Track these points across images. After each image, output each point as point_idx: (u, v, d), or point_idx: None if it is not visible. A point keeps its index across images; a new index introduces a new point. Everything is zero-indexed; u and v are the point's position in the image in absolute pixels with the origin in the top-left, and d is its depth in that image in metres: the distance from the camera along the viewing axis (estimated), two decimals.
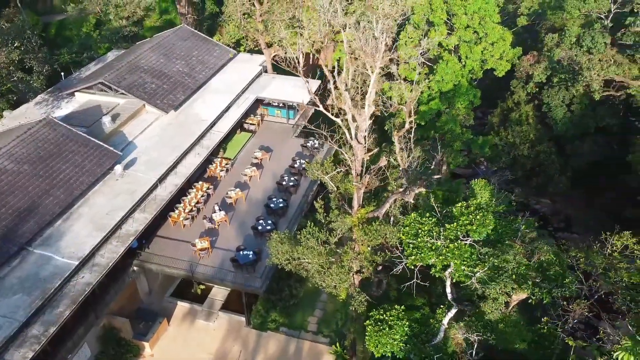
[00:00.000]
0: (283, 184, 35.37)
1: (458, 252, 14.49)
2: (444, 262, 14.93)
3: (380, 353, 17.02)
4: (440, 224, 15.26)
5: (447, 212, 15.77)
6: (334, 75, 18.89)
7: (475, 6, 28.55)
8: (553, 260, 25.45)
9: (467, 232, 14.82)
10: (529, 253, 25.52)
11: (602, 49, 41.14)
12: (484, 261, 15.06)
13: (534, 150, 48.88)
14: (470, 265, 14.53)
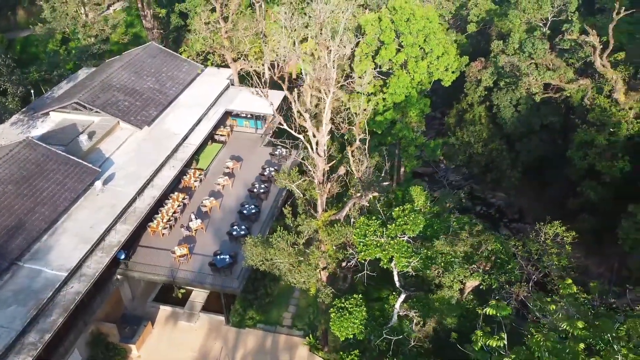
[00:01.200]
0: (254, 191, 38.31)
1: (397, 247, 17.86)
2: (387, 255, 18.30)
3: (343, 336, 20.27)
4: (384, 224, 18.61)
5: (389, 215, 19.14)
6: (295, 101, 21.95)
7: (420, 25, 32.21)
8: (499, 249, 29.35)
9: (404, 230, 18.22)
10: (477, 244, 29.40)
11: (542, 54, 45.64)
12: (418, 253, 18.50)
13: (487, 148, 53.24)
14: (406, 256, 17.95)
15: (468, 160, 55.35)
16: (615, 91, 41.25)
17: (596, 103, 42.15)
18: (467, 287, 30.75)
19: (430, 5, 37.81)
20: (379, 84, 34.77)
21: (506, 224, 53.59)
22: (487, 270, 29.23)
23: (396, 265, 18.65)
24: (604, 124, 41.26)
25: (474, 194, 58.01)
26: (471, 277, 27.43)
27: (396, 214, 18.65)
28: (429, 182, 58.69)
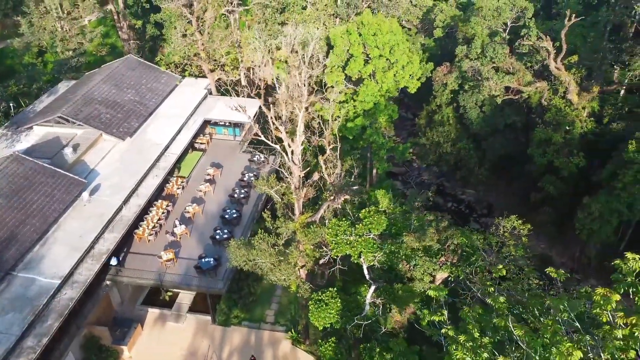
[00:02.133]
0: (235, 196, 40.57)
1: (364, 244, 20.42)
2: (356, 252, 20.87)
3: (321, 325, 22.75)
4: (353, 224, 21.18)
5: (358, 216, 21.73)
6: (272, 117, 24.34)
7: (386, 38, 34.88)
8: (465, 242, 32.24)
9: (370, 229, 20.80)
10: (444, 239, 32.25)
11: (502, 58, 48.93)
12: (382, 248, 21.12)
13: (455, 147, 56.48)
14: (372, 252, 20.53)
15: (438, 159, 58.51)
16: (569, 92, 44.76)
17: (552, 104, 45.62)
18: (437, 279, 33.59)
19: (394, 19, 40.55)
20: (350, 92, 37.41)
21: (476, 218, 56.90)
22: (454, 263, 32.13)
23: (364, 259, 21.27)
24: (560, 123, 44.73)
25: (445, 191, 61.29)
26: (440, 269, 30.32)
27: (363, 215, 21.26)
28: (402, 181, 61.83)
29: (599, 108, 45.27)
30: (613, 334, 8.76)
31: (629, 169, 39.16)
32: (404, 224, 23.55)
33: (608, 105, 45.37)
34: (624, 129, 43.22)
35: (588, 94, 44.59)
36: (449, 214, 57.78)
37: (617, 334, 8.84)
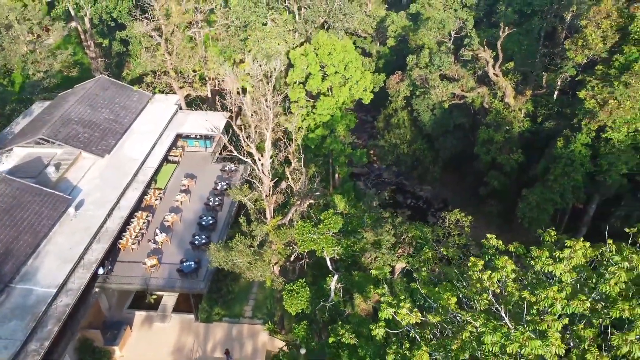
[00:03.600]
0: (210, 204, 44.57)
1: (326, 240, 25.00)
2: (319, 247, 25.42)
3: (294, 311, 27.17)
4: (316, 225, 25.74)
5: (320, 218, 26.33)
6: (243, 137, 28.63)
7: (340, 57, 39.60)
8: (418, 235, 37.32)
9: (329, 228, 25.41)
10: (400, 233, 37.30)
11: (448, 66, 54.54)
12: (340, 243, 25.77)
13: (411, 148, 61.88)
14: (332, 246, 25.12)
15: (397, 159, 63.84)
16: (506, 96, 50.66)
17: (493, 106, 51.48)
18: (396, 268, 38.72)
19: (347, 38, 45.38)
20: (310, 105, 41.98)
21: (433, 213, 62.44)
22: (410, 254, 37.22)
23: (327, 253, 25.85)
24: (500, 124, 50.59)
25: (405, 189, 66.80)
26: (398, 260, 35.38)
27: (323, 217, 25.83)
28: (365, 181, 66.99)
29: (533, 109, 51.36)
30: (480, 286, 13.35)
31: (558, 163, 45.19)
32: (359, 222, 28.29)
33: (541, 106, 51.46)
34: (555, 128, 49.34)
35: (523, 97, 50.61)
36: (408, 209, 63.39)
37: (482, 285, 13.48)
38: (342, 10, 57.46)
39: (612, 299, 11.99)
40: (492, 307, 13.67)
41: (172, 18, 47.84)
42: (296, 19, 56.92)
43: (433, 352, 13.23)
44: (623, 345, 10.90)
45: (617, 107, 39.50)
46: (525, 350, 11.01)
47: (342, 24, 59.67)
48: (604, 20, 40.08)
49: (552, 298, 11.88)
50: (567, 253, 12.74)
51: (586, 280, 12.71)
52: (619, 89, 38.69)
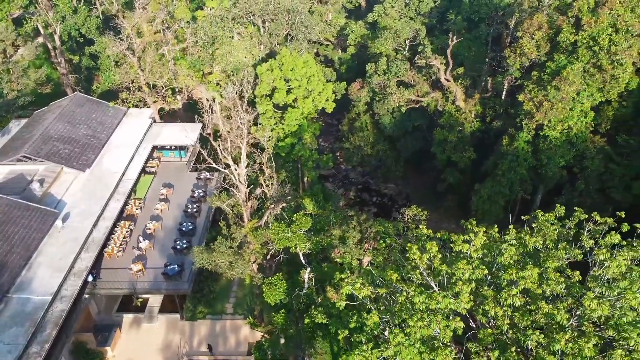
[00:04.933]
0: (188, 211, 48.21)
1: (298, 238, 29.22)
2: (293, 244, 29.65)
3: (273, 301, 31.28)
4: (289, 225, 29.94)
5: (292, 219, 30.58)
6: (221, 151, 32.58)
7: (303, 71, 43.90)
8: (382, 230, 41.97)
9: (300, 227, 29.65)
10: (365, 229, 41.90)
11: (404, 72, 59.56)
12: (310, 240, 30.08)
13: (375, 149, 66.76)
14: (304, 243, 29.40)
15: (361, 160, 68.66)
16: (457, 99, 55.99)
17: (446, 109, 56.75)
18: (364, 262, 43.33)
19: (308, 54, 49.70)
20: (278, 116, 46.18)
21: (397, 208, 67.44)
22: (375, 248, 41.86)
23: (299, 249, 30.12)
24: (453, 125, 55.89)
25: (370, 188, 71.65)
26: (364, 254, 40.00)
27: (295, 217, 30.05)
28: (332, 182, 71.51)
29: (482, 110, 56.89)
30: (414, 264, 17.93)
31: (505, 159, 50.71)
32: (326, 221, 32.70)
33: (489, 107, 57.02)
34: (501, 127, 54.94)
35: (472, 99, 56.06)
36: (374, 207, 68.31)
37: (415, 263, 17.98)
38: (304, 23, 61.76)
39: (506, 267, 16.63)
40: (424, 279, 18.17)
41: (144, 37, 51.13)
42: (261, 32, 60.88)
43: (382, 316, 17.60)
44: (508, 299, 15.49)
45: (550, 108, 45.15)
46: (441, 305, 15.49)
47: (304, 35, 63.99)
48: (537, 32, 45.63)
49: (462, 269, 16.45)
50: (472, 237, 17.43)
51: (490, 255, 17.40)
52: (551, 92, 44.33)
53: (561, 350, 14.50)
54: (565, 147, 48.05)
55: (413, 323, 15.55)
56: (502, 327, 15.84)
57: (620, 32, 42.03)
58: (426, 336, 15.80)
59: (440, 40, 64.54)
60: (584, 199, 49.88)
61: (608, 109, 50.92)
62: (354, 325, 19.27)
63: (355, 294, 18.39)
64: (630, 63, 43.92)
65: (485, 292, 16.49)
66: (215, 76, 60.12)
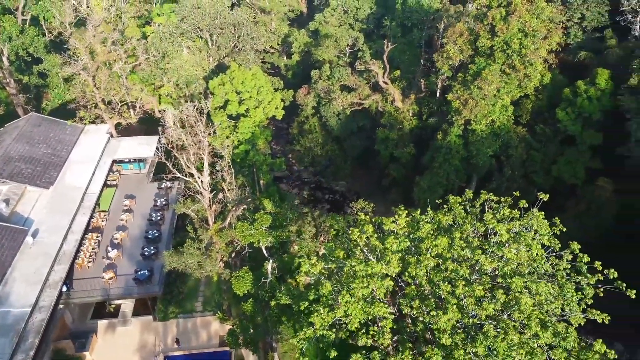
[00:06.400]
0: (153, 219, 51.83)
1: (261, 233, 33.89)
2: (256, 239, 34.29)
3: (241, 292, 35.80)
4: (252, 223, 34.59)
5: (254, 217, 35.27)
6: (184, 161, 36.76)
7: (252, 83, 48.48)
8: (335, 224, 47.16)
9: (262, 224, 34.33)
10: (319, 224, 46.99)
11: (346, 77, 65.16)
12: (271, 234, 34.86)
13: (324, 149, 72.05)
14: (265, 237, 34.09)
15: (312, 160, 73.80)
16: (395, 100, 62.08)
17: (386, 110, 62.73)
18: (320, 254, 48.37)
19: (256, 66, 54.33)
20: (232, 125, 50.58)
21: (348, 204, 73.09)
22: (330, 240, 47.04)
23: (262, 243, 34.87)
24: (393, 124, 61.92)
25: (323, 186, 76.96)
26: (320, 247, 45.06)
27: (257, 216, 34.69)
28: (287, 183, 76.36)
29: (418, 109, 63.23)
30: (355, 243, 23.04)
31: (440, 152, 57.11)
32: (284, 218, 37.57)
33: (424, 106, 63.42)
34: (436, 123, 61.41)
35: (409, 100, 62.29)
36: (327, 203, 73.64)
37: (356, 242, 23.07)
38: (250, 34, 66.21)
39: (423, 239, 22.05)
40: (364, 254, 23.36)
41: (97, 57, 54.21)
42: (209, 45, 64.88)
43: (334, 285, 22.59)
44: (425, 262, 20.90)
45: (475, 105, 51.77)
46: (375, 270, 20.68)
47: (251, 46, 68.45)
48: (459, 38, 52.14)
49: (391, 243, 21.72)
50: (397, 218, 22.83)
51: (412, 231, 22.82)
52: (475, 91, 50.90)
53: (462, 295, 19.95)
54: (491, 139, 54.87)
55: (355, 285, 20.62)
56: (422, 284, 21.18)
57: (528, 37, 48.98)
58: (366, 295, 20.93)
59: (377, 45, 70.48)
60: (511, 184, 56.89)
61: (527, 102, 58.29)
62: (313, 297, 24.16)
63: (312, 271, 23.30)
64: (539, 63, 51.11)
65: (409, 259, 21.78)
66: (166, 89, 63.67)
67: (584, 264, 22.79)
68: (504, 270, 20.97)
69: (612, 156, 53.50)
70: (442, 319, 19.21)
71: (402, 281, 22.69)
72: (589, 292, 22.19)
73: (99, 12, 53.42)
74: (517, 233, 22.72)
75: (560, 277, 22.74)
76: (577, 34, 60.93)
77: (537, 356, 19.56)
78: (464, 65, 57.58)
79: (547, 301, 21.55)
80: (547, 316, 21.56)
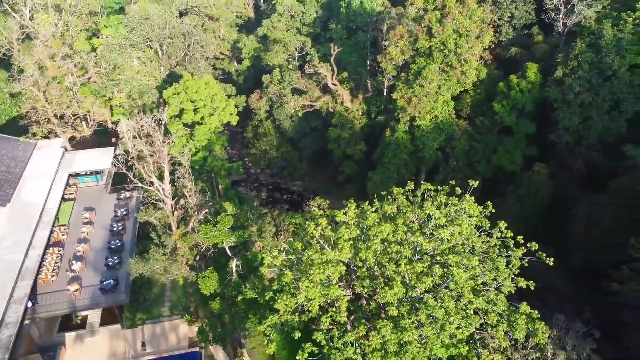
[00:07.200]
0: (114, 229, 53.05)
1: (224, 234, 36.23)
2: (220, 239, 36.63)
3: (208, 292, 37.99)
4: (215, 225, 36.90)
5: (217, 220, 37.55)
6: (146, 171, 38.57)
7: (206, 91, 50.57)
8: (295, 222, 49.82)
9: (224, 225, 36.68)
10: (279, 224, 49.59)
11: (296, 80, 67.98)
12: (234, 234, 37.30)
13: (279, 151, 74.67)
14: (228, 237, 36.51)
15: (268, 163, 76.31)
16: (345, 101, 65.37)
17: (336, 110, 65.94)
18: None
19: (209, 75, 56.41)
20: (188, 133, 52.50)
21: (306, 202, 76.01)
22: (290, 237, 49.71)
23: (226, 243, 37.20)
24: (344, 123, 65.20)
25: (281, 187, 79.49)
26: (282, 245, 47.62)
27: (219, 218, 36.99)
28: (245, 186, 78.50)
29: (367, 108, 66.78)
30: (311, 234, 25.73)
31: (389, 148, 60.77)
32: (245, 218, 40.04)
33: (372, 105, 67.05)
34: (384, 121, 65.11)
35: (357, 99, 65.72)
36: (286, 203, 76.26)
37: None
38: (199, 43, 68.04)
39: (370, 227, 25.13)
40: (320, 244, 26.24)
41: (47, 72, 54.83)
42: (160, 55, 66.29)
43: (294, 274, 25.29)
44: (373, 245, 23.99)
45: (418, 102, 55.63)
46: (330, 256, 23.60)
47: (201, 54, 70.29)
48: (400, 41, 55.89)
49: (342, 232, 24.66)
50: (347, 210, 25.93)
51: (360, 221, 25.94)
52: (417, 89, 54.74)
53: (405, 272, 23.11)
54: (435, 133, 58.93)
55: (313, 272, 23.40)
56: (371, 266, 24.22)
57: (462, 37, 53.21)
58: (323, 279, 23.74)
59: (325, 48, 73.65)
60: (457, 174, 61.17)
61: (466, 97, 62.82)
62: (276, 287, 26.74)
63: (274, 263, 25.97)
64: (474, 60, 55.50)
65: (360, 245, 24.77)
66: (118, 100, 64.70)
67: (511, 239, 26.47)
68: (440, 248, 24.28)
69: (545, 143, 58.68)
70: (389, 293, 22.29)
71: (354, 265, 25.66)
72: (516, 263, 25.85)
73: (47, 27, 54.05)
74: (452, 217, 26.14)
75: (492, 252, 26.32)
76: (508, 32, 65.98)
77: (473, 320, 22.95)
78: (407, 65, 61.48)
79: (482, 273, 25.06)
80: (482, 287, 25.07)
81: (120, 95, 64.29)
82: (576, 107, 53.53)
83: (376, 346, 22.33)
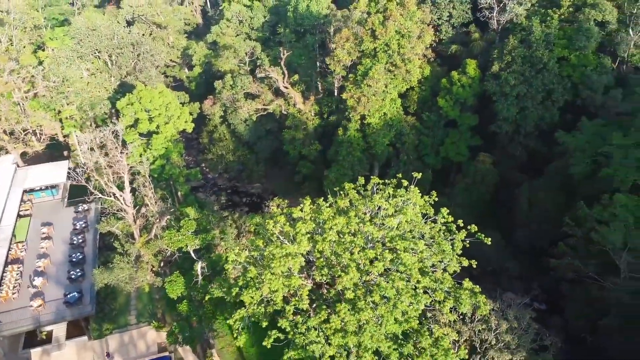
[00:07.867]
0: (74, 242, 53.41)
1: (187, 238, 37.85)
2: (184, 244, 38.24)
3: (175, 295, 39.45)
4: (179, 230, 38.42)
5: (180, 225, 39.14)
6: (105, 182, 39.66)
7: (160, 100, 51.72)
8: (257, 222, 51.70)
9: (188, 230, 38.33)
10: (241, 225, 51.39)
11: (249, 85, 69.74)
12: (198, 237, 39.01)
13: (236, 155, 76.20)
14: (193, 240, 38.15)
15: (226, 167, 77.72)
16: (297, 103, 67.69)
17: (289, 112, 68.17)
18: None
19: (162, 84, 57.61)
20: (144, 142, 53.53)
21: (265, 204, 77.85)
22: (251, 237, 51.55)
23: (190, 247, 38.84)
24: (297, 125, 67.50)
25: (239, 190, 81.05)
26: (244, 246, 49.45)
27: (182, 223, 38.55)
28: (204, 192, 79.58)
29: (319, 109, 69.32)
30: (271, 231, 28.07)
31: (342, 146, 63.48)
32: (207, 222, 41.77)
33: (324, 105, 69.64)
34: (337, 120, 67.80)
35: (309, 101, 68.16)
36: (246, 206, 77.89)
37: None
38: (149, 52, 68.81)
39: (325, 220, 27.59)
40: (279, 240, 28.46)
41: None
42: (109, 66, 66.70)
43: (258, 269, 27.37)
44: (328, 237, 26.44)
45: (367, 101, 58.55)
46: (289, 250, 25.88)
47: (151, 62, 71.05)
48: (346, 43, 58.67)
49: (300, 227, 26.94)
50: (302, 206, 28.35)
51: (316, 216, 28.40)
52: (365, 89, 57.65)
53: (359, 259, 25.65)
54: (385, 129, 62.06)
55: (275, 265, 25.58)
56: (328, 256, 26.66)
57: (405, 37, 56.46)
58: (284, 271, 25.95)
59: (275, 52, 75.67)
60: (408, 167, 64.57)
61: (413, 94, 66.32)
62: (242, 283, 28.70)
63: (238, 260, 27.99)
64: (417, 59, 58.88)
65: (316, 237, 27.13)
66: (68, 112, 64.75)
67: (453, 224, 29.47)
68: (390, 236, 26.95)
69: (487, 133, 62.87)
70: (345, 279, 24.75)
71: (313, 256, 28.00)
72: (458, 245, 28.85)
73: None
74: (400, 207, 28.89)
75: (438, 237, 29.23)
76: (448, 30, 69.97)
77: (422, 297, 25.73)
78: (354, 66, 64.36)
79: (430, 256, 27.90)
80: (430, 268, 27.93)
81: (70, 108, 64.35)
82: (513, 99, 57.77)
83: (337, 327, 24.72)
